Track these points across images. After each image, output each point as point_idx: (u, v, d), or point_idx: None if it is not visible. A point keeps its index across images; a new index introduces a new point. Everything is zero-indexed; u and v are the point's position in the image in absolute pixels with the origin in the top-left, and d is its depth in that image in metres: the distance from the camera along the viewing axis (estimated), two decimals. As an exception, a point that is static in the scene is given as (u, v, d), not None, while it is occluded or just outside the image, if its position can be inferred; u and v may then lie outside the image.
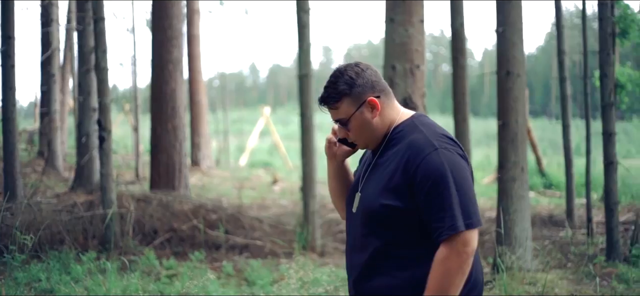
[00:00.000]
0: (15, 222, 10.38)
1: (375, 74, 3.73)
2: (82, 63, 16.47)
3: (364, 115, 3.67)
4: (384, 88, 3.73)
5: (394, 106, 3.77)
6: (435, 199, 3.38)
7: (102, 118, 11.46)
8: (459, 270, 3.34)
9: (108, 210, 11.14)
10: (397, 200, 3.49)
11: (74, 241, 10.99)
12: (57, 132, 22.09)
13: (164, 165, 15.36)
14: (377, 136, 3.73)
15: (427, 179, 3.39)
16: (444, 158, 3.41)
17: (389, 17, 9.12)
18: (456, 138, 10.52)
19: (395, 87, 8.85)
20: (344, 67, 3.72)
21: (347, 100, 3.65)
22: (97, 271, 9.47)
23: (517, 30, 9.73)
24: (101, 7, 11.68)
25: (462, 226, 3.32)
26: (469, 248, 3.34)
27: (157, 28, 15.80)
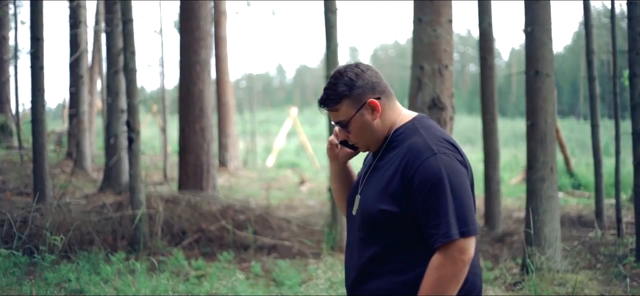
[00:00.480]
0: (45, 222, 10.45)
1: (376, 75, 3.69)
2: (111, 64, 16.56)
3: (364, 117, 3.62)
4: (384, 90, 3.69)
5: (395, 108, 3.73)
6: (432, 205, 3.33)
7: (131, 120, 11.50)
8: (453, 278, 3.30)
9: (137, 211, 11.18)
10: (394, 205, 3.44)
11: (103, 242, 11.04)
12: (86, 133, 22.21)
13: (192, 165, 15.40)
14: (377, 138, 3.69)
15: (424, 184, 3.35)
16: (441, 164, 3.36)
17: (417, 17, 9.09)
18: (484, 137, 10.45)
19: (424, 87, 8.83)
20: (344, 68, 3.68)
21: (347, 101, 3.61)
22: (126, 272, 9.51)
23: (546, 29, 9.68)
24: (130, 8, 11.73)
25: (457, 234, 3.27)
26: (464, 256, 3.29)
27: (184, 29, 15.85)
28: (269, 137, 43.22)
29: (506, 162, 27.58)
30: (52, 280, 8.82)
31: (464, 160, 3.52)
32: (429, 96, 8.81)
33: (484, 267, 10.19)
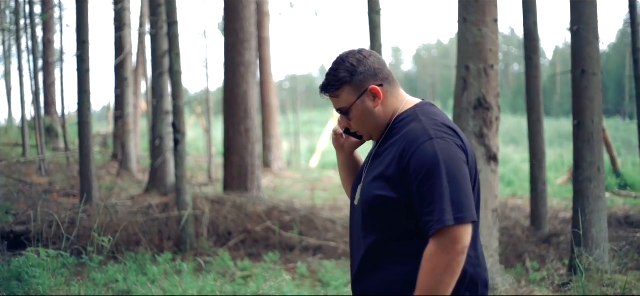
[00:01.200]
0: (93, 223, 10.53)
1: (379, 62, 3.60)
2: (155, 66, 16.67)
3: (366, 104, 3.55)
4: (387, 77, 3.60)
5: (397, 95, 3.63)
6: (426, 190, 3.20)
7: (177, 121, 11.57)
8: (447, 269, 3.14)
9: (183, 212, 11.25)
10: (391, 190, 3.35)
11: (150, 243, 11.12)
12: (131, 135, 22.38)
13: (236, 167, 15.45)
14: (379, 125, 3.61)
15: (419, 169, 3.23)
16: (438, 148, 3.25)
17: (462, 16, 9.04)
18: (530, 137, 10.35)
19: (469, 87, 8.78)
20: (346, 54, 3.61)
21: (348, 88, 3.54)
22: (173, 273, 9.57)
23: (592, 28, 9.60)
24: (174, 10, 11.80)
25: (451, 221, 3.12)
26: (458, 245, 3.14)
27: (229, 31, 15.90)
28: (312, 137, 43.25)
29: (551, 162, 27.33)
30: (100, 281, 8.89)
31: (464, 145, 3.40)
32: (475, 96, 8.75)
33: (531, 268, 10.13)
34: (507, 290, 8.57)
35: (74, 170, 20.74)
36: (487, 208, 8.55)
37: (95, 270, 9.24)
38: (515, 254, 10.87)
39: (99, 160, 22.24)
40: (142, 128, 31.14)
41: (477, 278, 3.42)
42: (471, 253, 3.37)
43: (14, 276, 8.26)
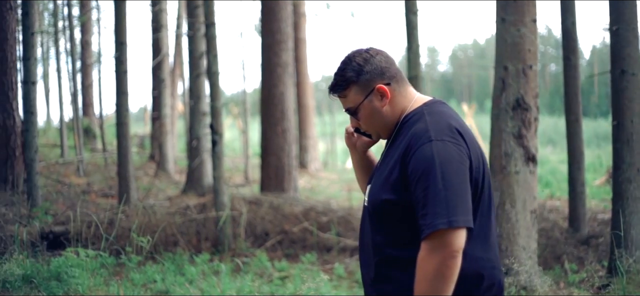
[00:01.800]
0: (131, 224, 10.59)
1: (386, 60, 3.55)
2: (193, 68, 16.73)
3: (373, 104, 3.51)
4: (394, 75, 3.54)
5: (406, 94, 3.57)
6: (421, 193, 3.13)
7: (214, 122, 11.61)
8: (438, 274, 3.05)
9: (221, 213, 11.28)
10: (394, 193, 3.30)
11: (188, 243, 11.16)
12: (168, 135, 22.48)
13: (273, 167, 15.48)
14: (388, 125, 3.57)
15: (416, 172, 3.17)
16: (435, 151, 3.17)
17: (500, 17, 8.99)
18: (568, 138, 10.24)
19: (508, 87, 8.73)
20: (353, 53, 3.58)
21: (355, 87, 3.51)
22: (210, 273, 9.60)
23: (632, 28, 9.50)
24: (212, 12, 11.84)
25: (443, 225, 3.02)
26: (447, 250, 3.04)
27: (266, 32, 15.94)
28: (348, 138, 43.23)
29: (589, 163, 27.13)
30: (139, 281, 8.94)
31: (468, 148, 3.29)
32: (513, 97, 8.71)
33: (569, 270, 10.06)
34: (546, 291, 8.52)
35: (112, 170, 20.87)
36: (526, 210, 8.51)
37: (133, 270, 9.31)
38: (554, 256, 10.80)
39: (136, 161, 22.36)
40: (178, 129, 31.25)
41: (493, 280, 3.37)
42: (483, 256, 3.34)
43: (53, 276, 8.32)
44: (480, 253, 3.32)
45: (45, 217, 11.11)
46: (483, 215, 3.36)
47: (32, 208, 11.30)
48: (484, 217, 3.37)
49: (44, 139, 26.68)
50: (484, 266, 3.32)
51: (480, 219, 3.34)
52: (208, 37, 11.82)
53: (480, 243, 3.33)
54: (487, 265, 3.34)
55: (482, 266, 3.31)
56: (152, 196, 16.31)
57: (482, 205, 3.35)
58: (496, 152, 8.62)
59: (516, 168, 8.47)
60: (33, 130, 11.76)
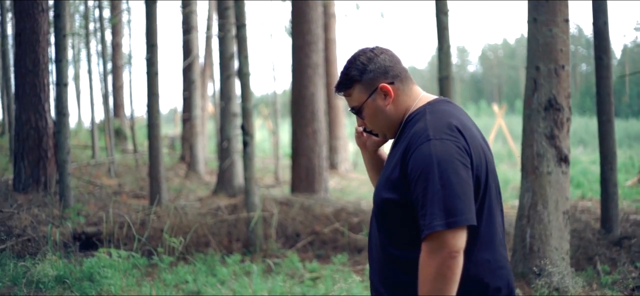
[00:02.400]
0: (163, 225, 10.64)
1: (391, 59, 3.54)
2: (223, 69, 16.78)
3: (377, 102, 3.50)
4: (398, 74, 3.53)
5: (410, 93, 3.55)
6: (420, 193, 3.12)
7: (245, 123, 11.62)
8: (439, 275, 3.03)
9: (252, 214, 11.29)
10: (396, 193, 3.28)
11: (219, 244, 11.18)
12: (198, 137, 22.55)
13: (304, 168, 15.49)
14: (392, 124, 3.56)
15: (415, 171, 3.15)
16: (433, 150, 3.14)
17: (532, 17, 8.95)
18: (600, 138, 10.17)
19: (540, 88, 8.69)
20: (358, 52, 3.58)
21: (359, 86, 3.50)
22: (242, 274, 9.62)
23: (665, 27, 9.45)
24: (243, 13, 11.85)
25: (441, 226, 3.01)
26: (446, 250, 3.02)
27: (296, 33, 15.95)
28: (378, 139, 43.16)
29: (621, 163, 26.90)
30: (170, 282, 8.97)
31: (468, 147, 3.24)
32: (545, 97, 8.67)
33: (602, 271, 10.00)
34: (578, 293, 8.48)
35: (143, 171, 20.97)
36: (558, 211, 8.47)
37: (165, 271, 9.35)
38: (586, 257, 10.73)
39: (167, 162, 22.45)
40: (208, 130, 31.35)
41: (501, 281, 3.34)
42: (490, 258, 3.31)
43: (86, 276, 8.37)
44: (487, 255, 3.30)
45: (77, 218, 11.19)
46: (489, 214, 3.33)
47: (64, 209, 11.38)
48: (490, 215, 3.34)
49: (75, 140, 26.87)
50: (490, 267, 3.30)
51: (487, 218, 3.31)
52: (239, 39, 11.84)
53: (486, 243, 3.30)
54: (494, 266, 3.32)
55: (488, 268, 3.30)
56: (183, 197, 16.37)
57: (487, 203, 3.32)
58: (528, 153, 8.59)
59: (548, 168, 8.43)
60: (65, 131, 11.83)
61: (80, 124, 37.28)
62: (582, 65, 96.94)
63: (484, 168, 3.30)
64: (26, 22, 13.15)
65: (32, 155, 13.09)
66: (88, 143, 26.82)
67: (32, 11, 13.17)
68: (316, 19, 15.96)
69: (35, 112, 13.10)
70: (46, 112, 13.24)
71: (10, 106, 19.17)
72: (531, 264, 8.37)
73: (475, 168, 3.23)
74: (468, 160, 3.19)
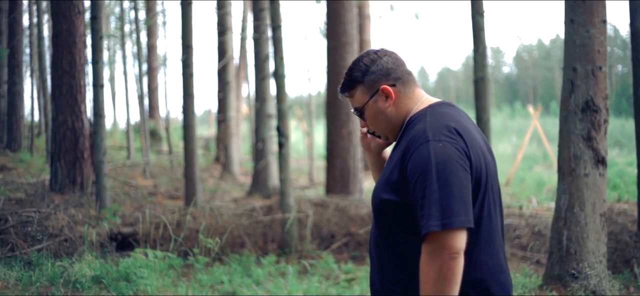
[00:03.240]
0: (199, 226, 10.67)
1: (394, 62, 3.54)
2: (258, 70, 16.80)
3: (378, 104, 3.51)
4: (400, 77, 3.53)
5: (412, 95, 3.55)
6: (419, 195, 3.12)
7: (281, 125, 11.64)
8: (440, 277, 3.03)
9: (287, 215, 11.30)
10: (394, 193, 3.29)
11: (254, 245, 11.21)
12: (233, 138, 22.60)
13: (339, 170, 15.48)
14: (393, 126, 3.56)
15: (414, 173, 3.16)
16: (432, 151, 3.15)
17: (568, 17, 8.89)
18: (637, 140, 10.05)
19: (577, 89, 8.63)
20: (362, 54, 3.59)
21: (361, 88, 3.52)
22: (277, 275, 9.64)
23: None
24: (279, 15, 11.87)
25: (437, 226, 3.02)
26: (445, 252, 3.02)
27: (331, 35, 15.93)
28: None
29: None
30: (206, 282, 9.00)
31: (467, 149, 3.24)
32: (582, 98, 8.60)
33: (639, 274, 9.92)
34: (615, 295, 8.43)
35: (177, 172, 21.05)
36: (595, 213, 8.41)
37: (201, 271, 9.38)
38: (623, 260, 10.65)
39: (201, 163, 22.51)
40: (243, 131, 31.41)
41: (499, 284, 3.34)
42: (489, 261, 3.31)
43: (122, 276, 8.42)
44: (487, 258, 3.30)
45: (113, 219, 11.25)
46: (489, 217, 3.33)
47: (100, 210, 11.45)
48: (490, 218, 3.33)
49: (110, 141, 27.05)
50: (490, 270, 3.31)
51: (487, 221, 3.31)
52: (274, 40, 11.85)
53: (486, 246, 3.30)
54: (495, 269, 3.32)
55: (488, 270, 3.30)
56: (218, 198, 16.42)
57: (487, 205, 3.31)
58: (565, 155, 8.53)
59: (585, 170, 8.36)
60: (102, 132, 11.91)
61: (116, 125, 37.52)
62: (618, 66, 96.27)
63: (484, 171, 3.30)
64: (63, 24, 13.25)
65: (69, 156, 13.18)
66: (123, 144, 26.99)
67: (69, 13, 13.26)
68: (351, 20, 15.94)
69: (72, 113, 13.19)
70: (82, 113, 13.33)
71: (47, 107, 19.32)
72: (568, 267, 8.31)
73: (475, 170, 3.23)
74: (467, 162, 3.20)
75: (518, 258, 11.32)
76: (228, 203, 14.79)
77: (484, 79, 10.81)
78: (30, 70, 26.45)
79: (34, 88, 23.79)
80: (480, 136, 3.49)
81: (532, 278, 8.90)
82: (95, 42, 12.05)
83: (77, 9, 13.38)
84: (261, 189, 17.01)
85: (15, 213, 10.24)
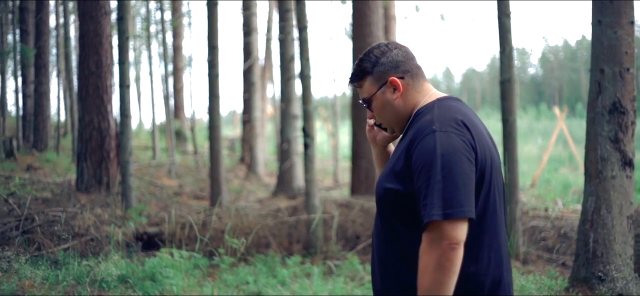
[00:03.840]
0: (224, 226, 10.69)
1: (404, 55, 3.57)
2: (284, 71, 16.82)
3: (386, 96, 3.53)
4: (409, 70, 3.55)
5: (421, 89, 3.57)
6: (422, 184, 3.12)
7: (306, 125, 11.63)
8: (437, 265, 3.02)
9: (313, 215, 11.30)
10: (398, 183, 3.29)
11: (279, 245, 11.21)
12: (258, 138, 22.64)
13: (364, 170, 15.45)
14: (400, 118, 3.57)
15: (418, 162, 3.17)
16: (438, 141, 3.16)
17: (596, 19, 8.84)
18: None
19: (604, 91, 8.57)
20: (373, 46, 3.62)
21: (370, 79, 3.55)
22: (302, 275, 9.63)
23: None
24: (305, 16, 11.87)
25: (438, 216, 3.01)
26: (445, 242, 3.01)
27: (357, 36, 15.90)
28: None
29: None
30: (231, 282, 9.01)
31: (474, 141, 3.25)
32: (610, 100, 8.55)
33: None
34: (643, 298, 8.38)
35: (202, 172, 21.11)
36: (622, 215, 8.36)
37: (226, 272, 9.39)
38: (650, 262, 10.61)
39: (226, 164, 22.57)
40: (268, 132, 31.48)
41: (499, 278, 3.32)
42: (490, 255, 3.29)
43: (148, 276, 8.46)
44: (488, 252, 3.28)
45: (139, 218, 11.29)
46: (493, 211, 3.32)
47: (126, 210, 11.50)
48: (494, 213, 3.33)
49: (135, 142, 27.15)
50: (490, 264, 3.29)
51: (491, 215, 3.31)
52: (301, 41, 11.85)
53: (489, 239, 3.29)
54: (495, 265, 3.30)
55: (487, 265, 3.28)
56: (243, 198, 16.45)
57: (491, 199, 3.31)
58: (592, 156, 8.48)
59: (612, 172, 8.31)
60: (128, 132, 11.96)
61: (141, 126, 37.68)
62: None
63: (488, 165, 3.30)
64: (90, 25, 13.32)
65: (95, 155, 13.26)
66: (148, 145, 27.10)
67: (96, 14, 13.34)
68: (377, 22, 15.92)
69: (98, 113, 13.26)
70: (109, 113, 13.40)
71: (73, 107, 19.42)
72: (594, 269, 8.26)
73: (480, 163, 3.24)
74: (473, 154, 3.21)
75: (544, 260, 11.27)
76: (253, 204, 14.82)
77: (510, 81, 10.76)
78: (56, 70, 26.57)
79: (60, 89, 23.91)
80: (486, 131, 3.50)
81: (558, 280, 8.85)
82: (121, 43, 12.11)
83: (104, 9, 13.46)
84: (286, 190, 17.02)
85: (42, 212, 10.30)
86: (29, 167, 16.17)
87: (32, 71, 20.42)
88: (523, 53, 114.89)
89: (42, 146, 19.61)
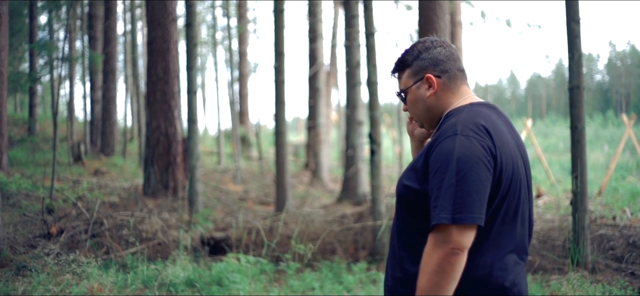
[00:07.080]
0: (291, 232, 10.72)
1: (447, 54, 3.54)
2: (349, 77, 16.81)
3: (420, 91, 3.51)
4: (448, 70, 3.52)
5: (457, 91, 3.54)
6: (436, 185, 3.10)
7: (373, 132, 11.62)
8: (439, 269, 3.01)
9: (379, 222, 11.28)
10: (416, 181, 3.27)
11: (345, 252, 11.21)
12: (323, 144, 22.66)
13: (428, 177, 15.40)
14: (431, 116, 3.55)
15: (435, 163, 3.14)
16: (457, 145, 3.12)
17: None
18: None
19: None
20: (419, 40, 3.60)
21: (409, 71, 3.55)
22: (368, 282, 9.61)
23: None
24: (372, 22, 11.86)
25: (447, 219, 2.99)
26: (449, 245, 2.99)
27: (423, 42, 15.87)
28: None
29: None
30: (297, 288, 9.02)
31: (494, 148, 3.19)
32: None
33: None
34: None
35: (267, 178, 21.19)
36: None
37: (292, 277, 9.40)
38: None
39: (291, 170, 22.64)
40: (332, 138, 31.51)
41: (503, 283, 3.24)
42: (492, 262, 3.24)
43: (214, 281, 8.50)
44: (490, 259, 3.23)
45: (205, 223, 11.36)
46: (503, 221, 3.25)
47: (193, 214, 11.58)
48: (504, 222, 3.26)
49: (201, 147, 27.35)
50: (490, 272, 3.23)
51: (500, 223, 3.24)
52: (368, 47, 11.84)
53: (491, 247, 3.23)
54: (497, 272, 3.24)
55: (489, 272, 3.22)
56: (308, 204, 16.47)
57: (504, 208, 3.24)
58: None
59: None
60: (195, 138, 12.06)
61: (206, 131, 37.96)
62: None
63: (508, 175, 3.23)
64: (157, 31, 13.46)
65: (162, 160, 13.38)
66: (213, 150, 27.29)
67: (164, 20, 13.47)
68: (443, 28, 15.81)
69: (165, 119, 13.38)
70: (176, 119, 13.52)
71: (140, 113, 19.63)
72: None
73: (499, 171, 3.19)
74: (491, 162, 3.16)
75: (612, 270, 11.12)
76: (318, 210, 14.84)
77: (579, 87, 10.63)
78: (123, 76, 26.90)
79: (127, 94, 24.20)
80: (514, 141, 3.44)
81: (627, 290, 8.74)
82: (189, 49, 12.21)
83: (172, 16, 13.59)
84: (351, 196, 17.01)
85: (111, 216, 10.42)
86: (96, 171, 16.39)
87: (100, 77, 20.71)
88: (590, 59, 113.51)
89: (109, 151, 19.87)
